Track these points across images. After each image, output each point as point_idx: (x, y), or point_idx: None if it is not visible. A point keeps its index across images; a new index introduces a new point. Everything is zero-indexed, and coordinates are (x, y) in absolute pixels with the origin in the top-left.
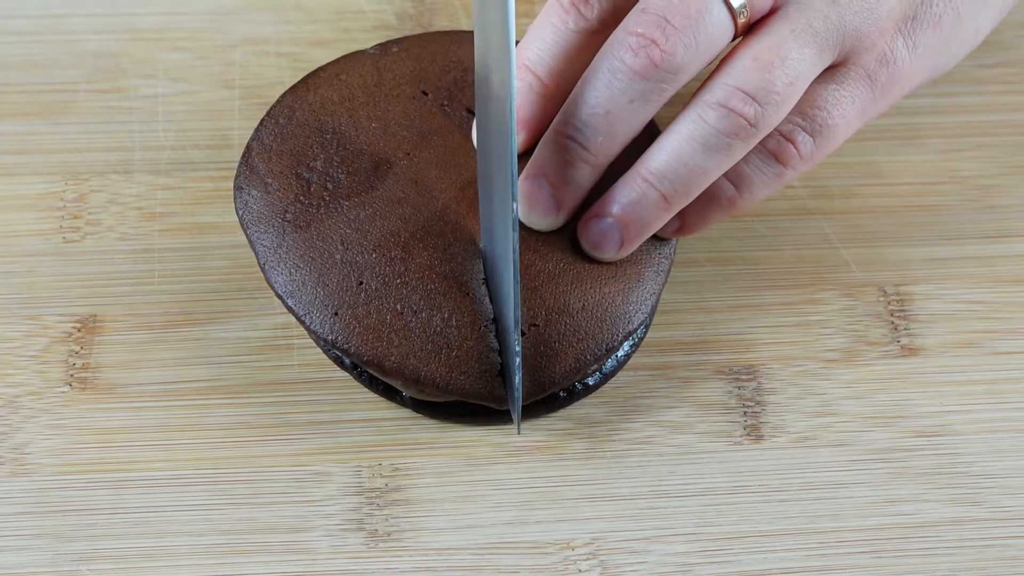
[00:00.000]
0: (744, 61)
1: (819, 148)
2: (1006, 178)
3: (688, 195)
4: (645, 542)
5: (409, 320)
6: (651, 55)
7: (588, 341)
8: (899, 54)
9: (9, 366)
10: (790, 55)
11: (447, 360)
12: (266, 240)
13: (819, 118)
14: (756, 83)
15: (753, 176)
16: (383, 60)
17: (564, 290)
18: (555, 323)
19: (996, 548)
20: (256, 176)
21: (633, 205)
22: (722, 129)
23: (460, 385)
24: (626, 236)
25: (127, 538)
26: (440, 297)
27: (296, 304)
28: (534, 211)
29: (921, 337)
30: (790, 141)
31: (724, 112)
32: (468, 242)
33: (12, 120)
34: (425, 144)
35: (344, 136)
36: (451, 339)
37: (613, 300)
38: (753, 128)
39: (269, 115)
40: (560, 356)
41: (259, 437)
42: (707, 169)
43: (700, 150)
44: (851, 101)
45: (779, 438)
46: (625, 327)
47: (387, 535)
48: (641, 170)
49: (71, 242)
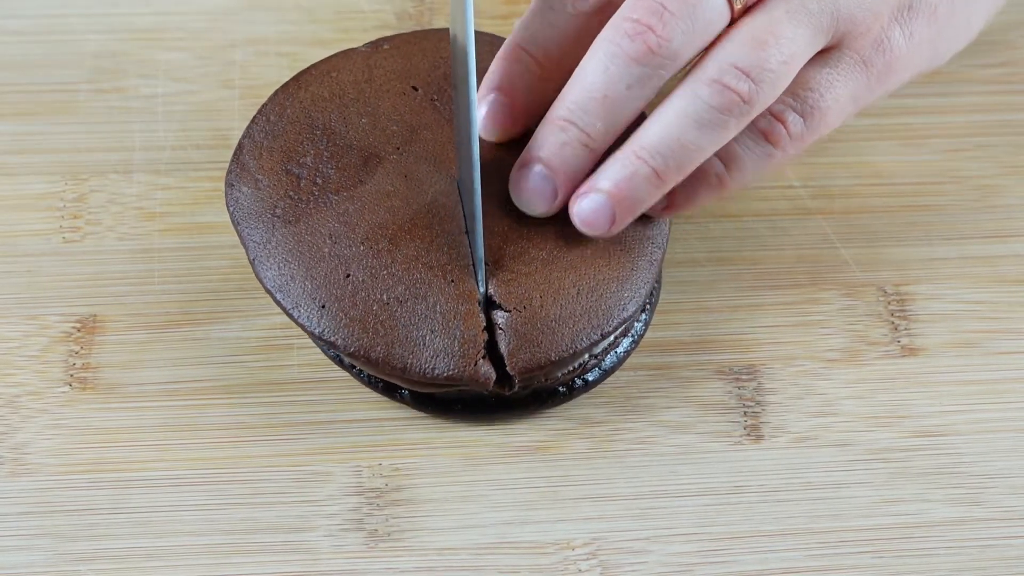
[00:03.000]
0: (738, 39)
1: (809, 130)
2: (1006, 178)
3: (681, 171)
4: (645, 542)
5: (395, 310)
6: (648, 41)
7: (583, 322)
8: (896, 42)
9: (9, 366)
10: (784, 34)
11: (431, 346)
12: (256, 236)
13: (811, 99)
14: (750, 60)
15: (743, 155)
16: (374, 57)
17: (559, 275)
18: (550, 305)
19: (997, 548)
20: (247, 173)
21: (626, 181)
22: (716, 105)
23: (444, 370)
24: (618, 212)
25: (127, 538)
26: (425, 286)
27: (284, 298)
28: (533, 197)
29: (921, 337)
30: (780, 121)
31: (718, 88)
32: (456, 232)
33: (12, 120)
34: (415, 138)
35: (334, 132)
36: (435, 325)
37: (608, 287)
38: (747, 105)
39: (260, 113)
40: (556, 333)
41: (259, 437)
42: (700, 145)
43: (693, 126)
44: (844, 85)
45: (779, 438)
46: (620, 313)
47: (387, 535)
48: (634, 146)
49: (71, 242)
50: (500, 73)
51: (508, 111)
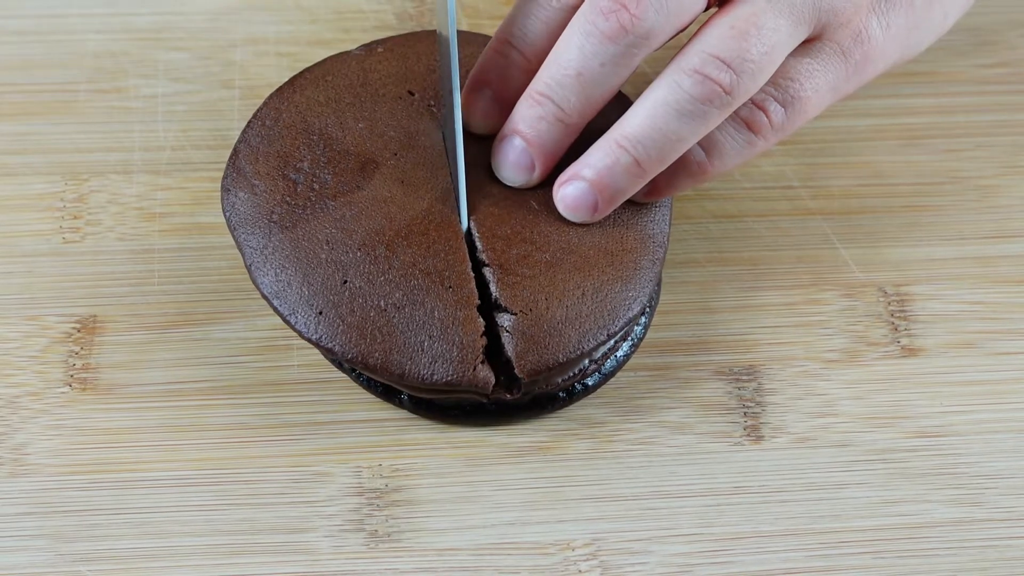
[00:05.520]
0: (720, 29)
1: (790, 119)
2: (1006, 178)
3: (662, 161)
4: (646, 543)
5: (392, 316)
6: (621, 19)
7: (589, 323)
8: (873, 32)
9: (9, 366)
10: (766, 24)
11: (429, 352)
12: (252, 241)
13: (791, 89)
14: (731, 51)
15: (724, 143)
16: (368, 60)
17: (562, 278)
18: (556, 307)
19: (997, 548)
20: (243, 178)
21: (607, 169)
22: (697, 95)
23: (442, 375)
24: (600, 199)
25: (128, 539)
26: (423, 292)
27: (281, 305)
28: (511, 168)
29: (921, 337)
30: (762, 110)
31: (699, 78)
32: (453, 237)
33: (12, 120)
34: (412, 144)
35: (331, 137)
36: (433, 331)
37: (612, 287)
38: (728, 96)
39: (256, 117)
40: (563, 335)
41: (259, 438)
42: (681, 135)
43: (675, 116)
44: (823, 75)
45: (780, 438)
46: (625, 313)
47: (387, 536)
48: (616, 135)
49: (71, 242)
50: (487, 66)
51: (495, 104)
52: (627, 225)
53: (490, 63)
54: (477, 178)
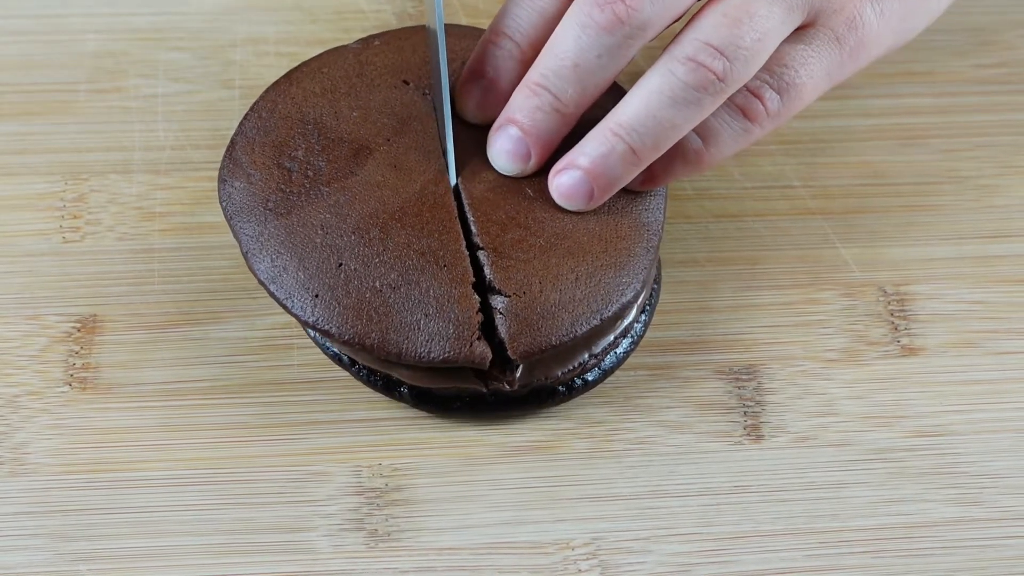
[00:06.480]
0: (713, 16)
1: (786, 106)
2: (1006, 178)
3: (657, 149)
4: (645, 542)
5: (388, 296)
6: (617, 11)
7: (582, 307)
8: (867, 19)
9: (9, 366)
10: (759, 12)
11: (426, 329)
12: (248, 229)
13: (786, 76)
14: (725, 38)
15: (720, 130)
16: (365, 53)
17: (556, 262)
18: (550, 290)
19: (996, 548)
20: (239, 168)
21: (602, 158)
22: (690, 83)
23: (439, 352)
24: (596, 188)
25: (127, 538)
26: (418, 272)
27: (278, 289)
28: (508, 157)
29: (921, 337)
30: (757, 97)
31: (693, 66)
32: (447, 218)
33: (12, 120)
34: (405, 130)
35: (325, 125)
36: (429, 309)
37: (606, 272)
38: (722, 83)
39: (252, 109)
40: (556, 318)
41: (259, 437)
42: (676, 123)
43: (669, 103)
44: (818, 62)
45: (779, 438)
46: (619, 298)
47: (387, 535)
48: (611, 123)
49: (70, 242)
50: (482, 56)
51: (490, 93)
52: (622, 213)
53: (485, 53)
54: (473, 165)
